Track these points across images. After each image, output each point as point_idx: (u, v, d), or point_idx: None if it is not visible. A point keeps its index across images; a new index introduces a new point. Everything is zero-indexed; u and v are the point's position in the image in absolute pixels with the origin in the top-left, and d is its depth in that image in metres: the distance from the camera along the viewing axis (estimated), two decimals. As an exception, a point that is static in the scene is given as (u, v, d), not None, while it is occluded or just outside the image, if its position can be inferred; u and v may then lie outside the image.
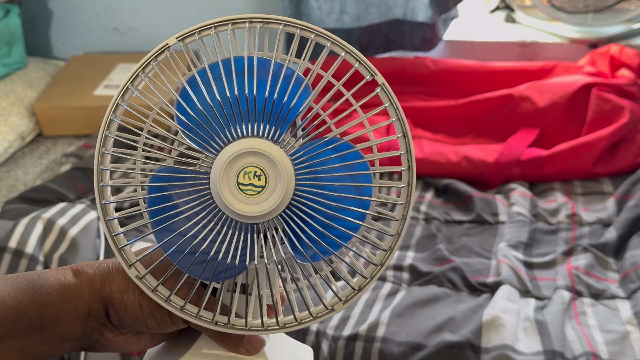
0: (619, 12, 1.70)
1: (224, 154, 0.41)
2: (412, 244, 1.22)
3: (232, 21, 0.44)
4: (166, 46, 0.44)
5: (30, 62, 1.86)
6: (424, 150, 1.42)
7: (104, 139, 0.44)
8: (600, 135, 1.36)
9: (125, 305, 0.46)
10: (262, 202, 0.42)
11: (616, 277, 1.11)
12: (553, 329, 0.98)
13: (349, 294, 0.46)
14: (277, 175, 0.42)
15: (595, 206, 1.29)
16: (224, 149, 0.42)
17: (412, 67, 1.65)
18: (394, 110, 0.45)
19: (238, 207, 0.42)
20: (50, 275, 0.45)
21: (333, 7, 1.69)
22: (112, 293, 0.46)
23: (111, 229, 0.45)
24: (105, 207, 0.45)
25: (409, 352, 0.97)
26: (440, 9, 1.68)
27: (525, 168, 1.37)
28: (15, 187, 1.46)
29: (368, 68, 0.46)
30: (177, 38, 0.44)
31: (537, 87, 1.49)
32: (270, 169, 0.42)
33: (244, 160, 0.41)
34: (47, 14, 1.98)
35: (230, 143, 0.42)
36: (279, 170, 0.41)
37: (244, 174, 0.42)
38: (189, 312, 0.45)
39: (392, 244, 0.45)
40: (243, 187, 0.42)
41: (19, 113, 1.64)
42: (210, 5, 1.84)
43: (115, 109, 0.44)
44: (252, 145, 0.41)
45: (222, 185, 0.41)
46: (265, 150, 0.41)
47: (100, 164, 0.44)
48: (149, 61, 0.44)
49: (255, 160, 0.42)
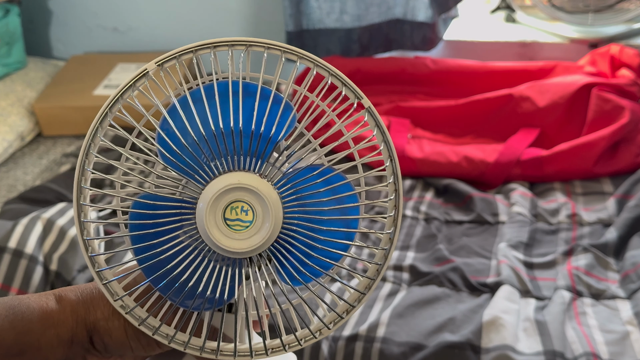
0: (619, 12, 1.70)
1: (210, 190, 0.40)
2: (412, 244, 1.22)
3: (214, 44, 0.42)
4: (145, 71, 0.42)
5: (30, 62, 1.86)
6: (424, 150, 1.42)
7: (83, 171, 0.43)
8: (600, 135, 1.36)
9: (111, 332, 0.45)
10: (250, 238, 0.41)
11: (616, 277, 1.11)
12: (553, 329, 0.98)
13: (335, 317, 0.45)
14: (265, 210, 0.41)
15: (595, 206, 1.29)
16: (209, 183, 0.41)
17: (412, 67, 1.65)
18: (381, 134, 0.44)
19: (226, 243, 0.41)
20: (32, 301, 0.45)
21: (333, 7, 1.68)
22: (96, 320, 0.45)
23: (95, 264, 0.44)
24: (88, 242, 0.44)
25: (409, 352, 0.97)
26: (441, 9, 1.68)
27: (525, 168, 1.37)
28: (14, 187, 1.46)
29: (354, 91, 0.44)
30: (157, 63, 0.42)
31: (538, 87, 1.49)
32: (258, 203, 0.41)
33: (230, 196, 0.40)
34: (47, 13, 1.98)
35: (216, 177, 0.41)
36: (266, 205, 0.40)
37: (230, 209, 0.41)
38: (177, 341, 0.44)
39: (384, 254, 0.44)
40: (230, 223, 0.41)
41: (19, 113, 1.64)
42: (210, 5, 1.84)
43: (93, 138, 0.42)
44: (239, 181, 0.40)
45: (209, 222, 0.40)
46: (252, 186, 0.40)
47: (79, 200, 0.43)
48: (128, 87, 0.42)
49: (242, 196, 0.41)
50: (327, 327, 0.45)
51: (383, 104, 1.59)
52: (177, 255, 0.42)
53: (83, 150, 0.43)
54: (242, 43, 0.42)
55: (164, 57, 0.42)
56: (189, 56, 0.42)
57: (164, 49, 1.85)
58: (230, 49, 0.42)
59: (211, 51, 0.42)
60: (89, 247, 0.44)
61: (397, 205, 0.45)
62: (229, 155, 0.41)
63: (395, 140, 1.45)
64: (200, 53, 0.43)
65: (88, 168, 0.43)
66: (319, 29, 1.71)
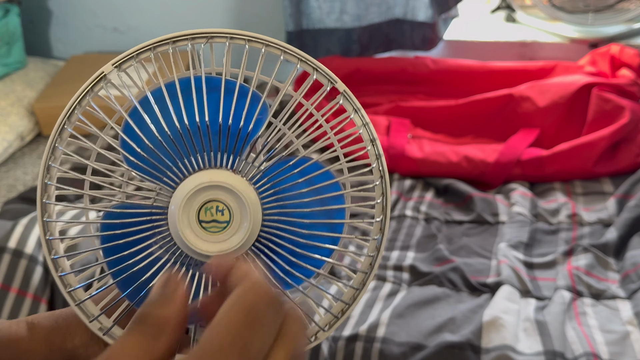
0: (619, 12, 1.70)
1: (181, 191, 0.37)
2: (413, 244, 1.22)
3: (172, 39, 0.40)
4: (102, 74, 0.40)
5: (30, 62, 1.86)
6: (424, 150, 1.42)
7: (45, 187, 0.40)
8: (600, 135, 1.36)
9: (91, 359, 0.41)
10: (228, 239, 0.38)
11: (617, 277, 1.10)
12: (553, 329, 0.98)
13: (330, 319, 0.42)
14: (242, 208, 0.37)
15: (595, 206, 1.29)
16: (180, 184, 0.38)
17: (412, 66, 1.65)
18: (359, 118, 0.41)
19: (202, 247, 0.37)
20: (2, 327, 0.41)
21: (333, 7, 1.68)
22: (75, 348, 0.41)
23: (66, 284, 0.40)
24: (56, 261, 0.40)
25: (409, 352, 0.97)
26: (441, 9, 1.68)
27: (525, 168, 1.37)
28: (14, 187, 1.46)
29: (327, 76, 0.41)
30: (113, 64, 0.40)
31: (538, 87, 1.49)
32: (234, 202, 0.38)
33: (203, 195, 0.37)
34: (47, 13, 1.98)
35: (186, 177, 0.38)
36: (243, 202, 0.37)
37: (205, 210, 0.37)
38: None
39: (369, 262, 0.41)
40: (205, 225, 0.38)
41: (19, 113, 1.64)
42: (210, 4, 1.84)
43: (53, 151, 0.39)
44: (211, 179, 0.37)
45: (182, 225, 0.37)
46: (226, 183, 0.37)
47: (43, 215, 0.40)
48: (85, 93, 0.39)
49: (217, 194, 0.37)
50: (322, 330, 0.42)
51: (383, 104, 1.59)
52: (152, 265, 0.38)
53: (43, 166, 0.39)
54: (202, 35, 0.40)
55: (122, 57, 0.40)
56: (147, 54, 0.40)
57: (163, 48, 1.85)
58: (192, 42, 0.40)
59: (170, 47, 0.40)
60: (58, 267, 0.41)
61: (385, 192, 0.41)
62: (198, 153, 0.38)
63: (396, 140, 1.45)
64: (159, 50, 0.40)
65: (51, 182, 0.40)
66: (319, 28, 1.71)
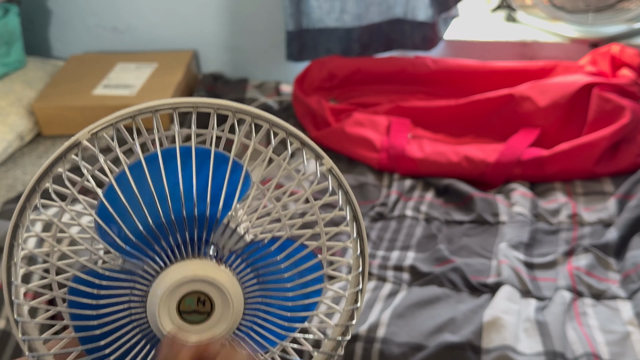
0: (620, 12, 1.70)
1: (162, 282, 0.36)
2: (413, 244, 1.22)
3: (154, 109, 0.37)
4: (77, 142, 0.37)
5: (29, 61, 1.86)
6: (424, 150, 1.42)
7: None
8: (601, 135, 1.36)
9: None
10: (209, 330, 0.37)
11: (617, 278, 1.10)
12: (554, 329, 0.97)
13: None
14: (224, 299, 0.36)
15: (596, 206, 1.29)
16: (160, 273, 0.36)
17: (412, 66, 1.65)
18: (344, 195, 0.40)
19: None
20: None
21: (333, 7, 1.68)
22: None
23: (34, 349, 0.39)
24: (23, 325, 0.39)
25: (410, 352, 0.97)
26: (441, 8, 1.67)
27: (526, 168, 1.37)
28: (14, 187, 1.45)
29: (314, 151, 0.39)
30: (90, 132, 0.37)
31: (538, 87, 1.49)
32: (216, 294, 0.36)
33: (185, 287, 0.36)
34: (46, 13, 1.98)
35: (167, 267, 0.36)
36: (225, 295, 0.36)
37: (186, 301, 0.36)
38: None
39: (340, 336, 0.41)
40: (186, 315, 0.36)
41: (18, 113, 1.64)
42: (210, 4, 1.84)
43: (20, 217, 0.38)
44: (195, 274, 0.36)
45: (162, 317, 0.36)
46: (210, 277, 0.36)
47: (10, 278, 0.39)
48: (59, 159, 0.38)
49: (199, 287, 0.36)
50: None
51: (383, 104, 1.59)
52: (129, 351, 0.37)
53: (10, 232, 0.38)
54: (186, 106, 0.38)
55: (98, 124, 0.37)
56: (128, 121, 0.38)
57: (163, 48, 1.85)
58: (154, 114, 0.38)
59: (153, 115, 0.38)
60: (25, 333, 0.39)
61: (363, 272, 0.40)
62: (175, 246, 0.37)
63: (396, 140, 1.45)
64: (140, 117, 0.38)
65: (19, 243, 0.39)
66: (319, 28, 1.71)
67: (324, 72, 1.66)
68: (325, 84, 1.66)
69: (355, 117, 1.51)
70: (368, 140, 1.45)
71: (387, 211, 1.32)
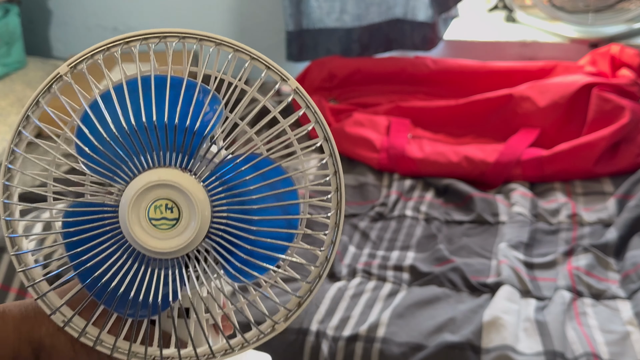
0: (619, 12, 1.70)
1: (130, 189, 0.38)
2: (413, 244, 1.22)
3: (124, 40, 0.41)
4: (57, 75, 0.41)
5: (30, 61, 1.86)
6: (424, 150, 1.42)
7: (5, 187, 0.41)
8: (600, 135, 1.36)
9: (58, 348, 0.43)
10: (177, 237, 0.39)
11: (617, 278, 1.10)
12: (554, 329, 0.97)
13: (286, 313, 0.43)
14: (190, 206, 0.38)
15: (595, 206, 1.29)
16: (129, 183, 0.39)
17: (412, 66, 1.65)
18: (312, 114, 0.42)
19: (152, 244, 0.39)
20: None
21: (333, 7, 1.68)
22: (41, 337, 0.43)
23: (30, 278, 0.42)
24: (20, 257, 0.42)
25: (409, 352, 0.97)
26: (441, 9, 1.67)
27: (525, 168, 1.37)
28: (14, 187, 1.45)
29: (279, 73, 0.41)
30: (69, 65, 0.41)
31: (538, 87, 1.49)
32: (182, 200, 0.39)
33: (153, 194, 0.38)
34: (47, 13, 1.98)
35: (136, 176, 0.39)
36: (190, 201, 0.38)
37: (154, 207, 0.39)
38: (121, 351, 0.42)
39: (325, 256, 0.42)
40: (155, 222, 0.39)
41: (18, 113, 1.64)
42: (210, 4, 1.84)
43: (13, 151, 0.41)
44: (160, 178, 0.38)
45: (132, 223, 0.38)
46: (174, 182, 0.38)
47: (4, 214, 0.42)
48: (42, 93, 0.41)
49: (165, 193, 0.38)
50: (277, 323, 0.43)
51: (383, 104, 1.59)
52: (106, 260, 0.40)
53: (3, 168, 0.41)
54: (155, 35, 0.41)
55: (76, 58, 0.41)
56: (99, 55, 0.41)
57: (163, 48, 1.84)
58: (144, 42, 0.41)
59: (119, 48, 0.41)
60: (21, 263, 0.42)
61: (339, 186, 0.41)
62: (147, 152, 0.39)
63: (396, 140, 1.45)
64: (112, 50, 0.41)
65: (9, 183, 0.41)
66: (319, 28, 1.71)
67: (324, 72, 1.66)
68: (325, 84, 1.66)
69: (355, 117, 1.51)
70: (368, 140, 1.45)
71: (387, 211, 1.32)
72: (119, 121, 0.39)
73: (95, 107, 0.40)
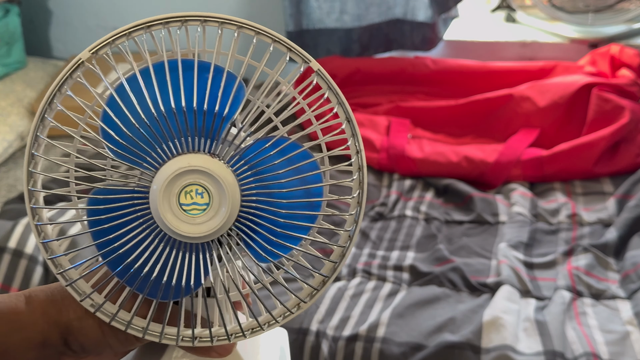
0: (619, 12, 1.70)
1: (161, 176, 0.39)
2: (413, 244, 1.22)
3: (147, 24, 0.41)
4: (80, 61, 0.41)
5: (30, 62, 1.86)
6: (424, 150, 1.42)
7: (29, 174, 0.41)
8: (600, 135, 1.36)
9: (86, 331, 0.43)
10: (208, 221, 0.39)
11: (617, 277, 1.11)
12: (553, 329, 0.98)
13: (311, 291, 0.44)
14: (221, 191, 0.39)
15: (595, 206, 1.29)
16: (159, 169, 0.39)
17: (412, 67, 1.65)
18: (334, 95, 0.43)
19: (183, 229, 0.39)
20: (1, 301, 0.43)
21: (333, 7, 1.68)
22: (69, 320, 0.43)
23: (57, 265, 0.43)
24: (47, 244, 0.42)
25: (409, 352, 0.97)
26: (441, 9, 1.68)
27: (525, 168, 1.37)
28: (14, 187, 1.46)
29: (301, 55, 0.42)
30: (90, 51, 0.41)
31: (538, 87, 1.49)
32: (212, 185, 0.39)
33: (183, 180, 0.39)
34: (47, 13, 1.98)
35: (165, 162, 0.39)
36: (221, 186, 0.39)
37: (185, 193, 0.39)
38: (152, 333, 0.43)
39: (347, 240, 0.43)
40: (186, 208, 0.39)
41: (19, 113, 1.64)
42: (210, 5, 1.84)
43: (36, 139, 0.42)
44: (190, 164, 0.39)
45: (164, 209, 0.39)
46: (204, 167, 0.39)
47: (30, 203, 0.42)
48: (65, 79, 0.41)
49: (195, 178, 0.39)
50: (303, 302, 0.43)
51: (383, 104, 1.59)
52: (138, 246, 0.40)
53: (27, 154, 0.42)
54: (177, 19, 0.41)
55: (98, 43, 0.41)
56: (122, 40, 0.42)
57: (164, 48, 1.85)
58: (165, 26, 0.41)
59: (143, 32, 0.41)
60: (48, 250, 0.42)
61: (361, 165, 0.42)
62: (176, 138, 0.40)
63: (396, 140, 1.45)
64: (134, 35, 0.42)
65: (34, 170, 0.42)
66: (319, 28, 1.71)
67: (324, 72, 1.66)
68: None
69: (355, 117, 1.51)
70: (368, 140, 1.45)
71: (387, 211, 1.32)
72: (147, 106, 0.39)
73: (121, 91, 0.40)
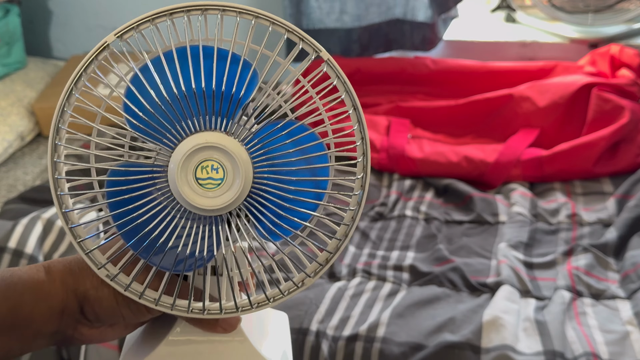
0: (619, 12, 1.70)
1: (179, 151, 0.42)
2: (412, 244, 1.22)
3: (169, 11, 0.44)
4: (105, 44, 0.44)
5: (30, 62, 1.86)
6: (424, 150, 1.42)
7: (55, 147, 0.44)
8: (600, 135, 1.36)
9: (101, 301, 0.46)
10: (222, 195, 0.42)
11: (616, 277, 1.11)
12: (553, 329, 0.98)
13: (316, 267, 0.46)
14: (235, 167, 0.42)
15: (595, 206, 1.29)
16: (177, 145, 0.42)
17: (412, 67, 1.65)
18: (342, 85, 0.45)
19: (199, 202, 0.42)
20: (23, 272, 0.45)
21: (333, 7, 1.68)
22: (86, 290, 0.46)
23: (76, 235, 0.45)
24: (67, 214, 0.45)
25: (409, 352, 0.97)
26: (440, 9, 1.68)
27: (525, 168, 1.37)
28: (14, 187, 1.46)
29: (312, 45, 0.46)
30: (116, 35, 0.44)
31: (538, 87, 1.49)
32: (227, 161, 0.42)
33: (200, 156, 0.42)
34: (47, 13, 1.98)
35: (183, 139, 0.42)
36: (235, 162, 0.42)
37: (201, 168, 0.42)
38: (164, 304, 0.45)
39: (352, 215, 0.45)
40: (202, 182, 0.42)
41: (19, 113, 1.64)
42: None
43: (62, 115, 0.44)
44: (207, 140, 0.41)
45: (181, 183, 0.42)
46: (220, 144, 0.42)
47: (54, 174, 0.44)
48: (90, 61, 0.44)
49: (211, 154, 0.42)
50: (309, 277, 0.46)
51: (383, 104, 1.59)
52: (154, 217, 0.43)
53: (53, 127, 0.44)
54: (197, 7, 0.43)
55: (123, 28, 0.44)
56: (147, 25, 0.44)
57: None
58: (187, 14, 0.43)
59: (167, 18, 0.44)
60: (68, 221, 0.45)
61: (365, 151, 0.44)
62: (195, 116, 0.42)
63: (396, 141, 1.45)
64: (157, 22, 0.44)
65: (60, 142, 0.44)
66: (319, 28, 1.71)
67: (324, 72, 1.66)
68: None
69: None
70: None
71: (387, 211, 1.32)
72: (170, 86, 0.42)
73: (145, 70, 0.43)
